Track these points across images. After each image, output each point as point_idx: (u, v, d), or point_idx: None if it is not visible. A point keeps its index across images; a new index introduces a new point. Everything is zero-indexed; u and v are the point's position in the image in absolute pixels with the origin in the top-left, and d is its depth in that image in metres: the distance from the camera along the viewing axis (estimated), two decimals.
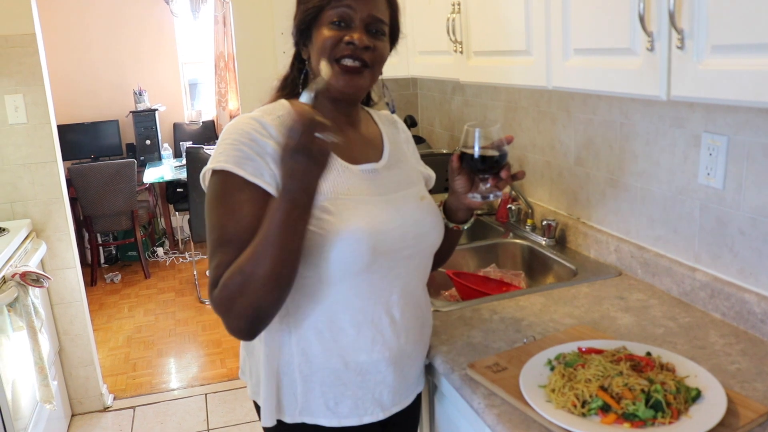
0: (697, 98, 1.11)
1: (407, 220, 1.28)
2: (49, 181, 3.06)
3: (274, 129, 1.19)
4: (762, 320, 1.43)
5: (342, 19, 1.21)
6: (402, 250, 1.26)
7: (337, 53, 1.21)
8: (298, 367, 1.26)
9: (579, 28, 1.41)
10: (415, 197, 1.34)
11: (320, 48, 1.22)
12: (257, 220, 1.10)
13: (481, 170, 1.32)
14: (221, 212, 1.15)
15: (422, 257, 1.34)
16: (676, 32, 1.10)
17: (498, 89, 2.56)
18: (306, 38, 1.28)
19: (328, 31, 1.22)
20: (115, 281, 5.40)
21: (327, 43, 1.21)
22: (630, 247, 1.85)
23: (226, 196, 1.15)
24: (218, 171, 1.16)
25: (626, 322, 1.56)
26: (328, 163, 1.05)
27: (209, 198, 1.18)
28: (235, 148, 1.16)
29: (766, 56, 0.96)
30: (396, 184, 1.32)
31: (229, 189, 1.15)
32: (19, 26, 2.90)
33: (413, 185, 1.36)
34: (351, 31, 1.21)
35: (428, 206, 1.35)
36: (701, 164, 1.58)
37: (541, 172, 2.33)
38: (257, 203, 1.13)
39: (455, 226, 1.42)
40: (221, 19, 6.12)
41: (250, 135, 1.17)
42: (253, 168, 1.15)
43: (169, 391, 3.57)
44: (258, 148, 1.17)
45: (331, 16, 1.21)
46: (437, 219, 1.36)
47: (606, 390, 1.13)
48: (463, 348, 1.46)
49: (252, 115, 1.22)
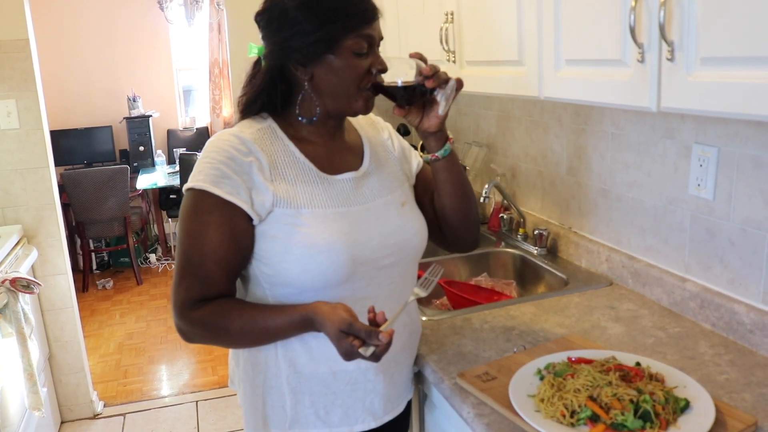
0: (686, 110, 1.11)
1: (387, 228, 1.28)
2: (41, 187, 3.05)
3: (254, 144, 1.22)
4: (751, 331, 1.43)
5: (369, 46, 1.22)
6: (383, 258, 1.26)
7: (367, 82, 1.23)
8: (287, 379, 1.27)
9: (571, 39, 1.42)
10: (396, 204, 1.33)
11: (349, 77, 1.21)
12: (221, 246, 1.18)
13: (410, 97, 1.25)
14: (189, 236, 1.20)
15: (406, 264, 1.33)
16: (666, 44, 1.11)
17: (491, 98, 2.57)
18: (312, 61, 1.21)
19: (355, 60, 1.21)
20: (107, 287, 5.38)
21: (359, 73, 1.21)
22: (621, 257, 1.86)
23: (195, 218, 1.19)
24: (194, 189, 1.19)
25: (616, 331, 1.56)
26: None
27: (181, 215, 1.21)
28: (212, 166, 1.18)
29: (755, 69, 0.97)
30: (376, 191, 1.32)
31: (199, 210, 1.19)
32: (13, 31, 2.90)
33: (394, 190, 1.35)
34: (373, 57, 1.23)
35: (410, 212, 1.35)
36: (692, 175, 1.59)
37: (533, 182, 2.33)
38: (225, 225, 1.18)
39: (432, 155, 1.32)
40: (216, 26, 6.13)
41: (228, 153, 1.19)
42: (230, 186, 1.17)
43: (159, 398, 3.56)
44: (235, 167, 1.19)
45: (357, 44, 1.20)
46: (419, 224, 1.35)
47: (595, 400, 1.13)
48: (454, 357, 1.46)
49: (232, 131, 1.24)
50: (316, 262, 1.18)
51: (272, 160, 1.23)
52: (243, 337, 1.23)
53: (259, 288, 1.26)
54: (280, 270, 1.20)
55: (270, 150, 1.24)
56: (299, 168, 1.25)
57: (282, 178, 1.22)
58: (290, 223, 1.19)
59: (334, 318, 1.11)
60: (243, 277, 1.30)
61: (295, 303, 1.21)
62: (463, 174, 1.39)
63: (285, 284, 1.22)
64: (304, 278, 1.20)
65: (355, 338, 1.08)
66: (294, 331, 1.20)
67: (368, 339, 1.08)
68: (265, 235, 1.21)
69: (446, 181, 1.36)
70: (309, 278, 1.19)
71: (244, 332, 1.20)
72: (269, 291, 1.25)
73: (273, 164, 1.22)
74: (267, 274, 1.23)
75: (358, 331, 1.08)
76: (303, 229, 1.19)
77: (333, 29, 1.18)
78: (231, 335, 1.21)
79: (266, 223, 1.20)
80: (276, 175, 1.22)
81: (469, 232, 1.44)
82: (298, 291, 1.22)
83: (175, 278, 1.22)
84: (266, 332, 1.21)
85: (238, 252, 1.21)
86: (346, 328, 1.09)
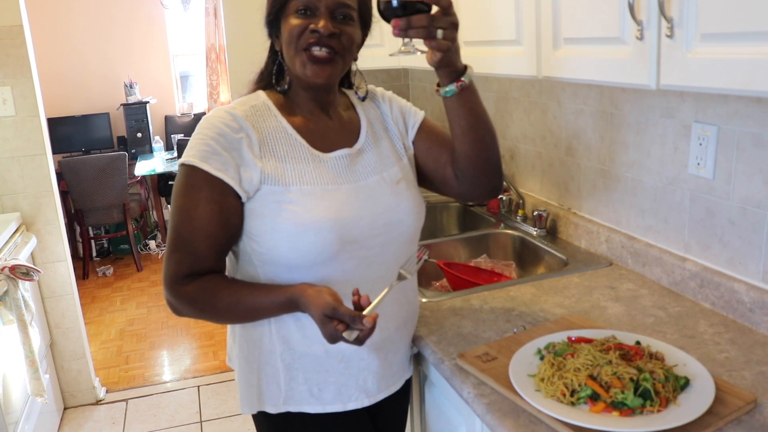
0: (686, 87, 1.10)
1: (378, 207, 1.27)
2: (38, 174, 3.04)
3: (245, 120, 1.22)
4: (751, 309, 1.43)
5: (307, 7, 1.20)
6: (372, 237, 1.25)
7: (303, 42, 1.21)
8: (281, 356, 1.28)
9: (569, 17, 1.41)
10: (391, 181, 1.31)
11: (287, 38, 1.23)
12: (210, 222, 1.19)
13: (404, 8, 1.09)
14: (180, 211, 1.21)
15: (399, 243, 1.31)
16: (665, 21, 1.10)
17: (489, 79, 2.56)
18: (276, 29, 1.27)
19: (294, 20, 1.21)
20: (107, 274, 5.38)
21: (293, 33, 1.21)
22: (620, 238, 1.85)
23: (186, 194, 1.20)
24: (185, 165, 1.19)
25: (616, 311, 1.56)
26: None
27: (174, 191, 1.23)
28: (203, 142, 1.19)
29: (755, 44, 0.96)
30: (371, 168, 1.30)
31: (190, 186, 1.20)
32: (6, 18, 2.87)
33: (390, 167, 1.33)
34: (316, 18, 1.20)
35: (405, 190, 1.32)
36: (691, 154, 1.58)
37: (532, 163, 2.33)
38: (214, 201, 1.18)
39: (436, 89, 1.24)
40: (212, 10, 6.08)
41: (219, 129, 1.20)
42: (219, 162, 1.18)
43: (161, 383, 3.57)
44: (225, 143, 1.19)
45: (297, 4, 1.20)
46: (414, 202, 1.33)
47: (595, 379, 1.13)
48: (453, 338, 1.46)
49: (225, 108, 1.24)
50: (303, 239, 1.18)
51: (263, 136, 1.23)
52: (230, 315, 1.26)
53: (251, 265, 1.26)
54: (270, 247, 1.20)
55: (262, 127, 1.24)
56: (291, 145, 1.25)
57: (272, 155, 1.22)
58: (278, 200, 1.19)
59: (318, 302, 1.11)
60: (235, 254, 1.30)
61: (283, 282, 1.22)
62: (479, 116, 1.27)
63: (274, 262, 1.22)
64: (293, 256, 1.20)
65: (340, 322, 1.09)
66: (280, 311, 1.21)
67: (352, 323, 1.08)
68: (253, 212, 1.21)
69: (454, 123, 1.27)
70: (297, 256, 1.19)
71: (231, 310, 1.23)
72: (260, 268, 1.25)
73: (263, 141, 1.22)
74: (257, 251, 1.23)
75: (342, 315, 1.09)
76: (290, 206, 1.19)
77: None
78: (218, 312, 1.24)
79: (254, 200, 1.20)
80: (266, 151, 1.22)
81: (485, 178, 1.33)
82: (287, 269, 1.22)
83: (166, 252, 1.24)
84: (253, 311, 1.23)
85: (227, 228, 1.21)
86: (330, 312, 1.09)
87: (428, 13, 1.09)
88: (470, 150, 1.28)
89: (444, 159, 1.37)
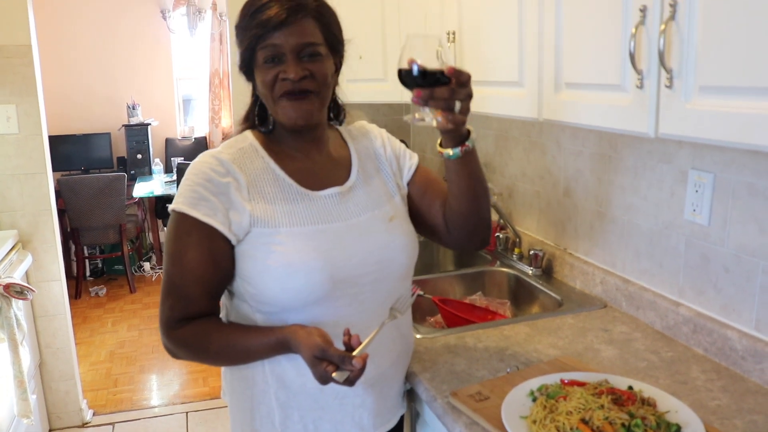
0: (684, 137, 1.12)
1: (370, 245, 1.27)
2: (37, 193, 3.05)
3: (232, 164, 1.24)
4: (743, 357, 1.44)
5: (274, 55, 1.21)
6: (365, 276, 1.25)
7: (278, 92, 1.23)
8: (275, 394, 1.27)
9: (571, 61, 1.43)
10: (383, 219, 1.32)
11: (262, 89, 1.25)
12: (200, 266, 1.20)
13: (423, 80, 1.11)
14: (171, 257, 1.23)
15: (392, 280, 1.31)
16: (665, 71, 1.12)
17: (490, 118, 2.58)
18: (251, 77, 1.28)
19: (264, 71, 1.22)
20: (100, 295, 5.36)
21: (266, 84, 1.23)
22: (615, 280, 1.86)
23: (176, 240, 1.22)
24: (175, 211, 1.21)
25: (610, 354, 1.57)
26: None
27: (166, 237, 1.25)
28: (191, 189, 1.21)
29: (752, 99, 0.98)
30: (362, 206, 1.31)
31: (179, 232, 1.22)
32: (16, 37, 2.90)
33: (383, 205, 1.34)
34: (285, 65, 1.21)
35: (398, 227, 1.33)
36: (687, 200, 1.60)
37: (530, 202, 2.34)
38: (204, 246, 1.20)
39: (440, 151, 1.25)
40: (218, 36, 6.15)
41: (206, 175, 1.21)
42: (207, 208, 1.19)
43: (149, 408, 3.53)
44: (213, 188, 1.21)
45: (264, 54, 1.21)
46: (408, 239, 1.33)
47: (587, 423, 1.13)
48: (447, 375, 1.46)
49: (212, 152, 1.26)
50: (293, 280, 1.19)
51: (251, 179, 1.24)
52: (223, 357, 1.28)
53: (245, 305, 1.27)
54: (261, 289, 1.21)
55: (249, 169, 1.25)
56: (279, 186, 1.26)
57: (261, 196, 1.23)
58: (267, 242, 1.20)
59: (308, 343, 1.12)
60: (230, 294, 1.31)
61: (277, 322, 1.22)
62: (478, 179, 1.29)
63: (267, 303, 1.23)
64: (284, 297, 1.20)
65: (330, 363, 1.09)
66: (271, 353, 1.22)
67: (341, 364, 1.09)
68: (244, 254, 1.22)
69: (453, 182, 1.29)
70: (288, 297, 1.20)
71: (223, 353, 1.24)
72: (254, 308, 1.25)
73: (252, 183, 1.23)
74: (250, 292, 1.23)
75: (332, 356, 1.09)
76: (280, 248, 1.19)
77: (250, 40, 1.22)
78: (211, 355, 1.25)
79: (245, 243, 1.21)
80: (254, 194, 1.23)
81: (475, 233, 1.36)
82: (280, 309, 1.22)
83: (160, 297, 1.26)
84: (245, 353, 1.24)
85: (218, 272, 1.22)
86: (320, 353, 1.10)
87: (449, 87, 1.11)
88: (465, 208, 1.32)
89: (436, 207, 1.39)
